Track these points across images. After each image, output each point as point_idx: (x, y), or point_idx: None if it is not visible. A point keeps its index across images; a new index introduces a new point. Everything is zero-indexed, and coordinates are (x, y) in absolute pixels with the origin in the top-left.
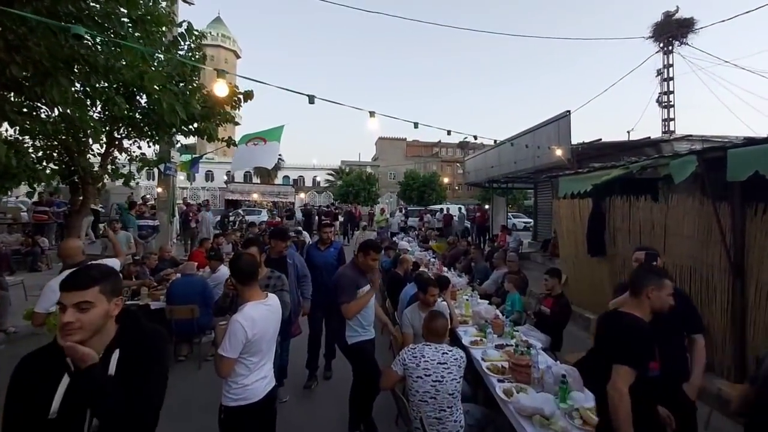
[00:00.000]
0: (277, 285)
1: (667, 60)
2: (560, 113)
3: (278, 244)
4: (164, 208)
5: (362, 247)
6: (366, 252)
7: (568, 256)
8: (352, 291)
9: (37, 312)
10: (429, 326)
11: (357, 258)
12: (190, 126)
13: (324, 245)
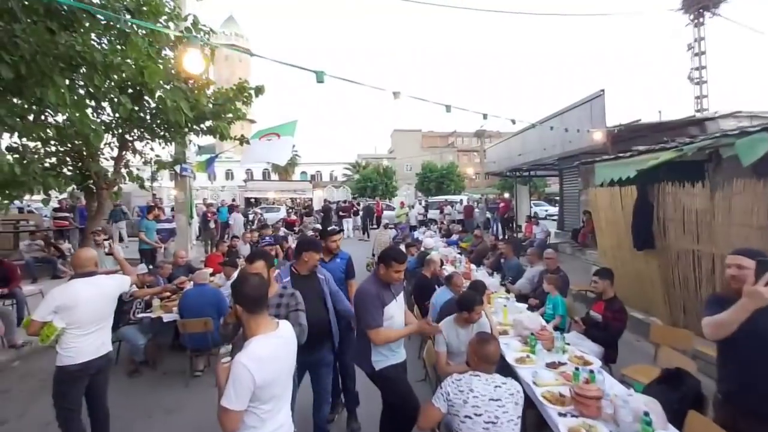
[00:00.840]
0: (291, 305)
1: (699, 33)
2: (593, 93)
3: (311, 256)
4: (182, 210)
5: (383, 259)
6: (388, 264)
7: (608, 249)
8: (378, 311)
9: (33, 320)
10: (479, 352)
11: (378, 271)
12: (201, 125)
13: (329, 256)
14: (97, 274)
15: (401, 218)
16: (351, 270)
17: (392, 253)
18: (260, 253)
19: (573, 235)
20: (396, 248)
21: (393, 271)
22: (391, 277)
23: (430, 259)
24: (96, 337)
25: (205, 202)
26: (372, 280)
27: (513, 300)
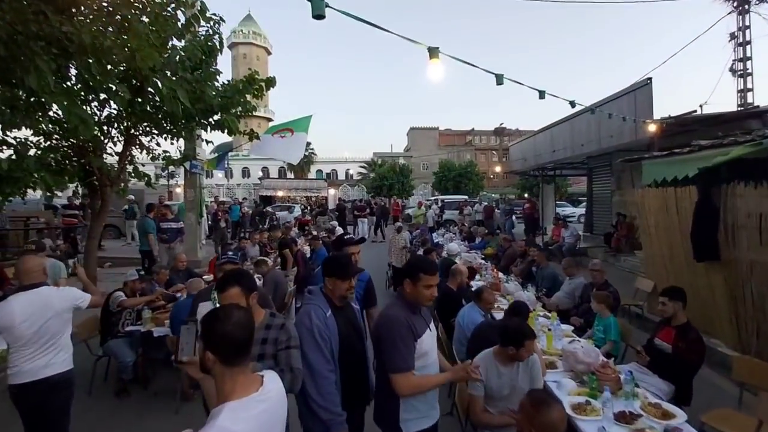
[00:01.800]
0: (281, 340)
1: (743, 21)
2: (639, 81)
3: (336, 285)
4: (192, 208)
5: (409, 272)
6: (415, 278)
7: (656, 258)
8: (410, 347)
9: None
10: (538, 422)
11: (404, 289)
12: (209, 119)
13: None
14: (44, 285)
15: (419, 219)
16: (371, 295)
17: (419, 264)
18: (234, 276)
19: (605, 239)
20: (422, 257)
21: (423, 287)
22: (421, 296)
23: (456, 269)
24: (43, 357)
25: (216, 199)
26: (398, 302)
27: (558, 322)
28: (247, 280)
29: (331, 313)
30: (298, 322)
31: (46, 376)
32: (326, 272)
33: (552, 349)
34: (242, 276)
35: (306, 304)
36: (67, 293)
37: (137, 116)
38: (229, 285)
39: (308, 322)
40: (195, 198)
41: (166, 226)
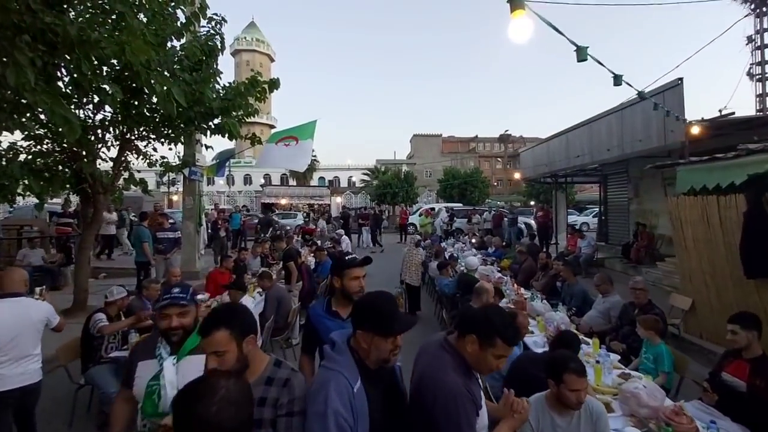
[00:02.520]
0: (282, 403)
1: (761, 24)
2: (670, 82)
3: (378, 344)
4: (191, 216)
5: (479, 329)
6: (488, 341)
7: (696, 273)
8: (473, 426)
9: None
10: None
11: (462, 345)
12: (209, 122)
13: (344, 307)
14: (23, 296)
15: (426, 228)
16: None
17: (495, 324)
18: (221, 315)
19: (623, 250)
20: (500, 310)
21: (494, 355)
22: (487, 365)
23: (482, 286)
24: (17, 365)
25: (216, 207)
26: (450, 361)
27: (605, 350)
28: (240, 319)
29: (361, 384)
30: (310, 400)
31: (23, 384)
32: (359, 322)
33: (601, 385)
34: (232, 314)
35: (324, 369)
36: (44, 307)
37: (133, 119)
38: (213, 327)
39: (322, 405)
40: (194, 206)
41: (163, 235)
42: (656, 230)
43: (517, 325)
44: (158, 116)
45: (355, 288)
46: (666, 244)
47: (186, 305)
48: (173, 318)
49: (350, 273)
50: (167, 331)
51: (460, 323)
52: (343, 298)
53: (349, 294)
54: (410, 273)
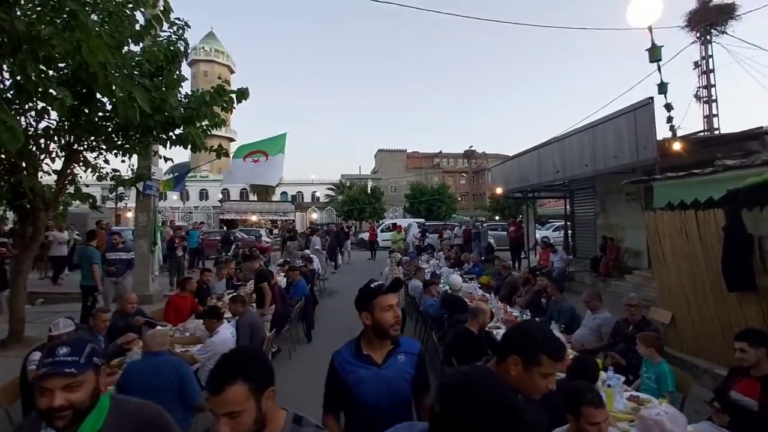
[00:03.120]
0: None
1: (706, 51)
2: (641, 101)
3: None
4: (144, 234)
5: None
6: (533, 358)
7: (675, 287)
8: None
9: None
10: None
11: (505, 368)
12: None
13: (379, 348)
14: None
15: (398, 244)
16: (424, 378)
17: (539, 338)
18: (238, 365)
19: (592, 264)
20: (537, 323)
21: (540, 374)
22: (535, 386)
23: (478, 307)
24: None
25: (172, 224)
26: None
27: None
28: (258, 368)
29: None
30: None
31: None
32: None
33: (615, 412)
34: (248, 362)
35: None
36: None
37: (82, 128)
38: (227, 381)
39: None
40: (148, 223)
41: (114, 256)
42: (622, 244)
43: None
44: (112, 125)
45: (390, 320)
46: (632, 257)
47: (76, 374)
48: (56, 394)
49: (382, 303)
50: (48, 413)
51: (497, 347)
52: (377, 336)
53: (384, 329)
54: None
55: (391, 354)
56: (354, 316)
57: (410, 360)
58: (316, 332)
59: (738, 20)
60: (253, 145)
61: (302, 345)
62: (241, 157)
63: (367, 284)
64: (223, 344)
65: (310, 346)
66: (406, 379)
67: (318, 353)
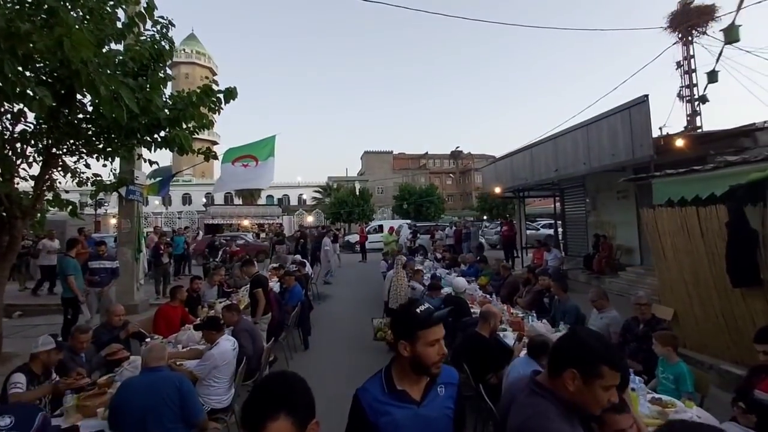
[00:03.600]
0: None
1: (687, 51)
2: (636, 98)
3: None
4: (127, 242)
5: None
6: (593, 371)
7: (677, 283)
8: None
9: None
10: None
11: (561, 383)
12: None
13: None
14: None
15: (391, 246)
16: (463, 413)
17: (601, 350)
18: (280, 395)
19: (585, 261)
20: (592, 331)
21: (602, 387)
22: (597, 400)
23: (489, 311)
24: None
25: (157, 230)
26: (551, 408)
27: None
28: (301, 397)
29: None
30: None
31: None
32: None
33: (640, 417)
34: (291, 391)
35: None
36: None
37: (61, 131)
38: (269, 415)
39: None
40: (132, 229)
41: (98, 265)
42: (614, 241)
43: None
44: (93, 127)
45: (434, 357)
46: (625, 254)
47: None
48: None
49: (428, 336)
50: None
51: (551, 360)
52: (415, 371)
53: (425, 366)
54: (400, 299)
55: (430, 387)
56: (351, 322)
57: (450, 392)
58: (313, 339)
59: (718, 21)
60: (241, 148)
61: (299, 353)
62: (230, 162)
63: (411, 307)
64: (222, 357)
65: (307, 353)
66: (449, 417)
67: (316, 361)
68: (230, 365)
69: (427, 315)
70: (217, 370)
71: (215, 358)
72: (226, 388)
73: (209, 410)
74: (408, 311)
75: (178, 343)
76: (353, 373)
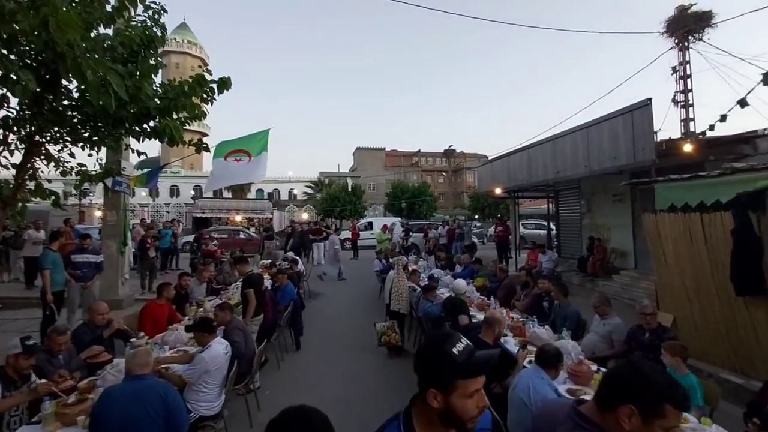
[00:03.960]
0: None
1: (683, 56)
2: (639, 102)
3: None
4: (113, 235)
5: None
6: (655, 411)
7: (677, 290)
8: None
9: None
10: None
11: (616, 419)
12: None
13: None
14: None
15: (384, 245)
16: None
17: (662, 381)
18: None
19: (579, 264)
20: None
21: (662, 428)
22: None
23: (493, 316)
24: None
25: (143, 222)
26: None
27: None
28: None
29: None
30: None
31: None
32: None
33: None
34: None
35: None
36: None
37: (45, 118)
38: None
39: None
40: (118, 222)
41: (81, 259)
42: (608, 244)
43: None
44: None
45: (472, 410)
46: (619, 258)
47: None
48: None
49: (468, 387)
50: None
51: (606, 392)
52: (444, 424)
53: (460, 421)
54: (401, 299)
55: None
56: (344, 321)
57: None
58: (305, 339)
59: (714, 28)
60: (234, 142)
61: (291, 353)
62: (222, 156)
63: (446, 346)
64: (213, 361)
65: (299, 354)
66: None
67: (308, 362)
68: (221, 370)
69: (468, 359)
70: (208, 375)
71: (206, 362)
72: (216, 394)
73: (198, 417)
74: (442, 352)
75: (165, 344)
76: (349, 375)
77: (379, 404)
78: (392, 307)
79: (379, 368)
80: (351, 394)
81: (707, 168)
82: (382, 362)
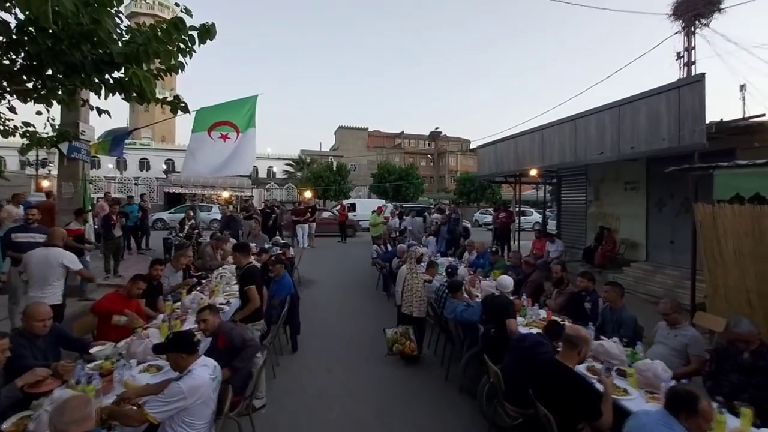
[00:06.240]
0: None
1: (689, 42)
2: (691, 76)
3: None
4: (69, 209)
5: None
6: None
7: (732, 291)
8: None
9: None
10: None
11: None
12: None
13: None
14: None
15: (378, 229)
16: None
17: None
18: None
19: (585, 254)
20: None
21: None
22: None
23: (578, 336)
24: None
25: (108, 197)
26: None
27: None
28: None
29: None
30: None
31: None
32: None
33: None
34: None
35: None
36: None
37: None
38: None
39: None
40: (75, 195)
41: (25, 239)
42: (617, 234)
43: None
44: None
45: None
46: (630, 249)
47: None
48: None
49: None
50: None
51: None
52: None
53: None
54: (415, 301)
55: None
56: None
57: None
58: (301, 337)
59: (723, 13)
60: (217, 111)
61: (286, 356)
62: (205, 130)
63: None
64: (194, 392)
65: (296, 357)
66: None
67: (308, 367)
68: (207, 403)
69: None
70: (187, 412)
71: (183, 395)
72: None
73: None
74: None
75: (131, 357)
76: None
77: (395, 419)
78: (403, 310)
79: (389, 377)
80: (362, 410)
81: (738, 155)
82: (390, 371)
